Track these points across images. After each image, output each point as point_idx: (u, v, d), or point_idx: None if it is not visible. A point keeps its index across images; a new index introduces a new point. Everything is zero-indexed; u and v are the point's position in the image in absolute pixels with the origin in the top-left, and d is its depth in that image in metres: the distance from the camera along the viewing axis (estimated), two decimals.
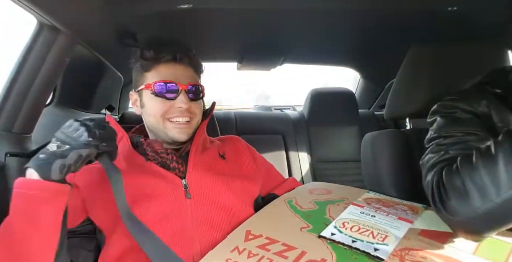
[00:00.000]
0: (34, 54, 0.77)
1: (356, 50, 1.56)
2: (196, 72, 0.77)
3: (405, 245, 0.56)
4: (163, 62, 0.73)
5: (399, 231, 0.60)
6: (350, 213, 0.67)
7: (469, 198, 0.53)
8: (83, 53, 1.05)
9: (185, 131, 0.73)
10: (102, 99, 1.34)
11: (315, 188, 0.82)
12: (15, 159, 0.76)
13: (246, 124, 1.63)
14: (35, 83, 0.77)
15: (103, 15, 0.88)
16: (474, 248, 0.56)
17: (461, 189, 0.54)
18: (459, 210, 0.54)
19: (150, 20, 1.02)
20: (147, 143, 0.73)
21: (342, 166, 1.64)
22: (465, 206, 0.53)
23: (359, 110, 1.73)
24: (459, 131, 0.65)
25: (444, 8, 0.92)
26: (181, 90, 0.71)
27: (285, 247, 0.57)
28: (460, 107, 0.68)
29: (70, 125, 0.60)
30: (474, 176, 0.53)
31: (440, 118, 0.70)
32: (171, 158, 0.72)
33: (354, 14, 1.03)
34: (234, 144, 0.86)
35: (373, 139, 0.99)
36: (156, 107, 0.73)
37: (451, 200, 0.55)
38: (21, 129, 0.79)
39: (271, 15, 1.04)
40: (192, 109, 0.73)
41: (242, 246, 0.58)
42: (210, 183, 0.72)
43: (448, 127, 0.67)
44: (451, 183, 0.56)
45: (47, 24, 0.75)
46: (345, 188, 0.80)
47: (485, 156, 0.54)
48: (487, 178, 0.52)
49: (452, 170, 0.57)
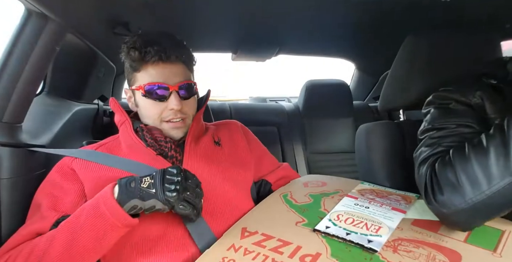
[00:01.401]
0: (22, 42, 0.75)
1: (351, 41, 1.55)
2: (188, 67, 0.75)
3: (398, 235, 0.57)
4: (151, 63, 0.70)
5: (393, 222, 0.61)
6: (344, 205, 0.68)
7: (462, 190, 0.54)
8: (74, 42, 1.02)
9: (181, 129, 0.75)
10: (94, 89, 1.32)
11: (310, 180, 0.83)
12: (6, 149, 0.74)
13: (241, 116, 1.62)
14: (24, 72, 0.75)
15: (93, 3, 0.86)
16: (465, 235, 0.57)
17: (454, 181, 0.55)
18: (451, 202, 0.55)
19: (142, 9, 0.99)
20: (147, 129, 0.74)
21: (337, 157, 1.65)
22: (457, 198, 0.54)
23: (353, 102, 1.73)
24: (452, 122, 0.66)
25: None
26: (172, 91, 0.70)
27: (281, 243, 0.57)
28: (454, 99, 0.69)
29: (174, 173, 0.60)
30: (467, 168, 0.54)
31: (434, 110, 0.71)
32: (170, 146, 0.73)
33: (349, 5, 1.02)
34: (229, 129, 0.87)
35: (367, 130, 0.99)
36: (150, 110, 0.73)
37: (444, 192, 0.56)
38: (12, 119, 0.77)
39: (266, 5, 1.02)
40: (184, 110, 0.73)
41: (238, 243, 0.59)
42: (206, 172, 0.73)
43: (442, 118, 0.68)
44: (444, 175, 0.57)
45: (35, 11, 0.73)
46: (340, 179, 0.81)
47: (477, 149, 0.55)
48: (479, 170, 0.53)
49: (445, 163, 0.58)
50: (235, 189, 0.75)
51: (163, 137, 0.73)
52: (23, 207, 0.73)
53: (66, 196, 0.68)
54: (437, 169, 0.59)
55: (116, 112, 0.78)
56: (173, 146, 0.73)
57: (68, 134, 1.03)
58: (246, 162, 0.82)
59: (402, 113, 1.08)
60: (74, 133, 1.10)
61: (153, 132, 0.74)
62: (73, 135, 1.08)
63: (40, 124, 0.95)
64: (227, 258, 0.55)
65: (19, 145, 0.77)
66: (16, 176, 0.75)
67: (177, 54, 0.71)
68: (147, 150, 0.72)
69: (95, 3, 0.86)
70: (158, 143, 0.73)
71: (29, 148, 0.78)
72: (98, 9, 0.92)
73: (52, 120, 1.01)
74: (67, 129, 1.02)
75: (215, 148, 0.80)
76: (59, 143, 0.94)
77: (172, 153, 0.73)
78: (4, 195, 0.74)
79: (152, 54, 0.69)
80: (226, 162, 0.78)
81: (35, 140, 0.86)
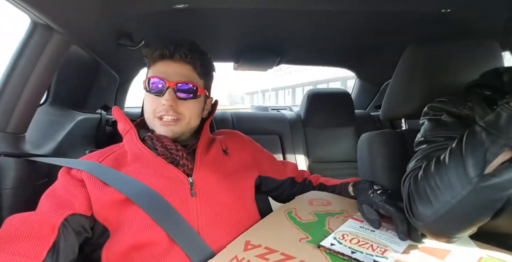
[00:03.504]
0: (27, 53, 0.76)
1: (352, 51, 1.56)
2: (196, 70, 0.76)
3: (404, 259, 0.56)
4: (158, 59, 0.74)
5: (399, 247, 0.60)
6: (349, 226, 0.67)
7: (430, 202, 0.57)
8: (77, 52, 1.04)
9: (171, 128, 0.73)
10: (97, 99, 1.33)
11: (315, 198, 0.82)
12: (10, 159, 0.75)
13: (243, 124, 1.63)
14: (28, 82, 0.76)
15: (98, 15, 0.87)
16: None
17: (423, 194, 0.58)
18: (423, 214, 0.57)
19: (146, 20, 1.01)
20: (156, 137, 0.73)
21: (339, 166, 1.64)
22: (428, 210, 0.57)
23: (355, 111, 1.74)
24: (441, 135, 0.68)
25: (438, 10, 0.93)
26: (168, 88, 0.71)
27: (284, 257, 0.56)
28: (446, 110, 0.70)
29: None
30: (431, 182, 0.57)
31: (427, 122, 0.73)
32: (181, 154, 0.72)
33: (350, 15, 1.04)
34: (235, 138, 0.88)
35: (369, 139, 0.99)
36: (147, 104, 0.74)
37: (417, 205, 0.59)
38: (15, 129, 0.78)
39: (267, 15, 1.04)
40: (178, 109, 0.72)
41: (241, 255, 0.58)
42: (215, 182, 0.72)
43: (433, 131, 0.70)
44: (416, 189, 0.60)
45: (41, 23, 0.74)
46: (345, 199, 0.81)
47: (439, 162, 0.58)
48: (441, 182, 0.56)
49: (417, 177, 0.61)
50: (242, 200, 0.75)
51: (173, 145, 0.72)
52: None
53: (74, 198, 0.65)
54: (412, 183, 0.61)
55: (119, 121, 0.78)
56: (184, 154, 0.72)
57: (71, 144, 1.03)
58: (251, 171, 0.83)
59: (404, 122, 1.08)
60: (77, 142, 1.11)
61: (163, 140, 0.72)
62: (76, 144, 1.09)
63: (43, 134, 0.96)
64: None
65: (23, 155, 0.77)
66: (19, 186, 0.75)
67: (182, 53, 0.73)
68: (156, 158, 0.71)
69: (99, 15, 0.88)
70: (169, 151, 0.71)
71: (32, 158, 0.78)
72: (102, 21, 0.93)
73: (55, 130, 1.01)
74: (70, 139, 1.03)
75: (224, 157, 0.80)
76: (62, 152, 0.95)
77: (184, 161, 0.71)
78: (6, 205, 0.73)
79: (157, 51, 0.73)
80: (233, 171, 0.78)
81: (38, 150, 0.87)
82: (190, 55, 0.74)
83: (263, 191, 0.90)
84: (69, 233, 0.61)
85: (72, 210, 0.63)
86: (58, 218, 0.60)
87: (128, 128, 0.75)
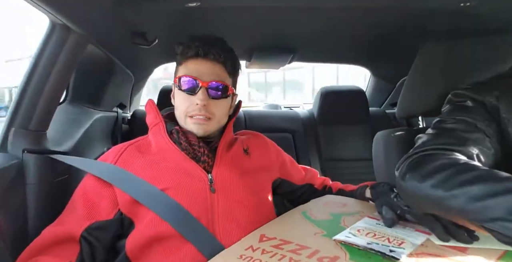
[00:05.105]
0: (47, 53, 0.78)
1: (366, 48, 1.54)
2: (227, 70, 0.77)
3: (422, 250, 0.55)
4: (190, 58, 0.75)
5: (417, 240, 0.59)
6: (365, 223, 0.66)
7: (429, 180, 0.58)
8: (94, 51, 1.06)
9: (203, 127, 0.74)
10: (113, 97, 1.36)
11: (330, 201, 0.82)
12: (32, 156, 0.77)
13: (255, 122, 1.63)
14: (48, 81, 0.78)
15: (113, 14, 0.89)
16: (498, 255, 0.54)
17: (427, 176, 0.59)
18: (411, 185, 0.61)
19: (159, 19, 1.02)
20: (182, 132, 0.74)
21: (353, 165, 1.62)
22: (415, 186, 0.60)
23: (370, 109, 1.71)
24: (459, 117, 0.68)
25: (457, 4, 0.90)
26: (201, 87, 0.72)
27: (298, 247, 0.57)
28: (470, 96, 0.70)
29: None
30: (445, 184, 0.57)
31: (449, 106, 0.73)
32: (203, 151, 0.73)
33: (364, 12, 1.02)
34: (257, 140, 0.88)
35: (385, 137, 0.97)
36: (180, 102, 0.75)
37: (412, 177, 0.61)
38: (37, 127, 0.80)
39: (280, 13, 1.03)
40: (210, 108, 0.73)
41: (256, 245, 0.59)
42: (234, 179, 0.73)
43: (452, 114, 0.70)
44: (423, 167, 0.61)
45: (59, 23, 0.76)
46: (362, 202, 0.80)
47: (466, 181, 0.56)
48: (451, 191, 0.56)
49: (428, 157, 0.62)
50: (259, 199, 0.76)
51: (197, 141, 0.73)
52: (49, 210, 0.76)
53: (102, 200, 0.69)
54: (422, 161, 0.63)
55: (150, 113, 0.79)
56: (206, 151, 0.73)
57: (89, 141, 1.06)
58: (272, 171, 0.84)
59: (421, 120, 1.06)
60: (95, 140, 1.14)
61: (188, 135, 0.74)
62: (94, 142, 1.12)
63: (63, 131, 0.99)
64: (244, 255, 0.55)
65: (45, 152, 0.80)
66: (41, 181, 0.78)
67: (215, 53, 0.74)
68: (179, 153, 0.72)
69: (114, 15, 0.90)
70: (192, 146, 0.73)
71: (54, 155, 0.80)
72: (117, 20, 0.95)
73: (74, 128, 1.04)
74: (88, 137, 1.06)
75: (244, 156, 0.80)
76: (80, 149, 0.97)
77: (205, 158, 0.73)
78: (31, 199, 0.76)
79: (191, 49, 0.74)
80: (252, 171, 0.78)
81: (58, 147, 0.90)
82: (223, 54, 0.75)
83: (279, 193, 0.89)
84: (92, 241, 0.66)
85: (95, 218, 0.68)
86: (80, 229, 0.66)
87: (157, 121, 0.77)
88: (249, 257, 0.55)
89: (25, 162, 0.76)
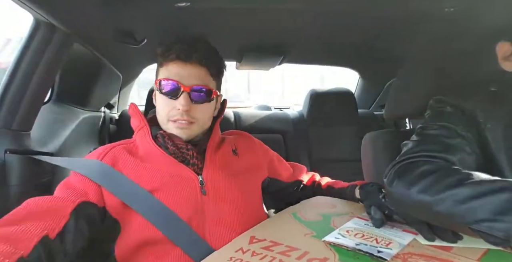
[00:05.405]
0: (31, 51, 0.77)
1: (355, 50, 1.55)
2: (210, 72, 0.74)
3: (409, 250, 0.57)
4: (171, 60, 0.71)
5: (404, 240, 0.60)
6: (354, 223, 0.68)
7: (415, 186, 0.58)
8: (81, 51, 1.04)
9: (185, 131, 0.72)
10: (101, 97, 1.34)
11: (320, 202, 0.83)
12: (15, 156, 0.75)
13: (245, 123, 1.63)
14: (32, 80, 0.77)
15: (100, 13, 0.87)
16: (479, 255, 0.55)
17: (415, 178, 0.60)
18: (398, 191, 0.61)
19: (148, 19, 1.01)
20: (168, 135, 0.72)
21: (342, 165, 1.63)
22: (404, 192, 0.60)
23: (358, 110, 1.73)
24: (439, 123, 0.69)
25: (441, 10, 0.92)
26: (183, 91, 0.70)
27: (288, 248, 0.58)
28: (449, 102, 0.72)
29: None
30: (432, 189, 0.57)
31: (430, 112, 0.76)
32: (192, 154, 0.72)
33: (354, 16, 1.03)
34: (245, 140, 0.88)
35: (373, 139, 0.99)
36: (161, 106, 0.73)
37: (400, 183, 0.61)
38: (20, 127, 0.78)
39: (269, 14, 1.03)
40: (192, 113, 0.71)
41: (246, 247, 0.59)
42: (224, 181, 0.73)
43: (433, 121, 0.72)
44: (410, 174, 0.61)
45: (43, 21, 0.75)
46: (351, 203, 0.81)
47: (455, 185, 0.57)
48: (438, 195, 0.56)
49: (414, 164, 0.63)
50: (250, 200, 0.75)
51: (184, 144, 0.72)
52: None
53: (88, 189, 0.65)
54: (408, 169, 0.63)
55: (133, 117, 0.77)
56: (195, 154, 0.72)
57: (75, 142, 1.04)
58: (261, 171, 0.84)
59: (408, 121, 1.07)
60: (81, 140, 1.11)
61: (174, 138, 0.72)
62: (80, 143, 1.09)
63: (48, 132, 0.97)
64: (234, 257, 0.56)
65: (28, 152, 0.78)
66: (24, 182, 0.76)
67: (199, 56, 0.71)
68: (167, 157, 0.71)
69: (101, 13, 0.88)
70: (180, 150, 0.72)
71: (37, 156, 0.78)
72: (104, 19, 0.93)
73: (60, 128, 1.02)
74: (74, 137, 1.04)
75: (233, 157, 0.80)
76: (66, 150, 0.95)
77: (194, 161, 0.72)
78: (13, 201, 0.74)
79: (173, 52, 0.70)
80: (242, 171, 0.78)
81: (43, 147, 0.87)
82: (205, 57, 0.72)
83: (269, 192, 0.90)
84: (80, 219, 0.60)
85: (85, 197, 0.64)
86: (70, 204, 0.61)
87: (142, 126, 0.75)
88: (239, 259, 0.55)
89: (7, 162, 0.74)
